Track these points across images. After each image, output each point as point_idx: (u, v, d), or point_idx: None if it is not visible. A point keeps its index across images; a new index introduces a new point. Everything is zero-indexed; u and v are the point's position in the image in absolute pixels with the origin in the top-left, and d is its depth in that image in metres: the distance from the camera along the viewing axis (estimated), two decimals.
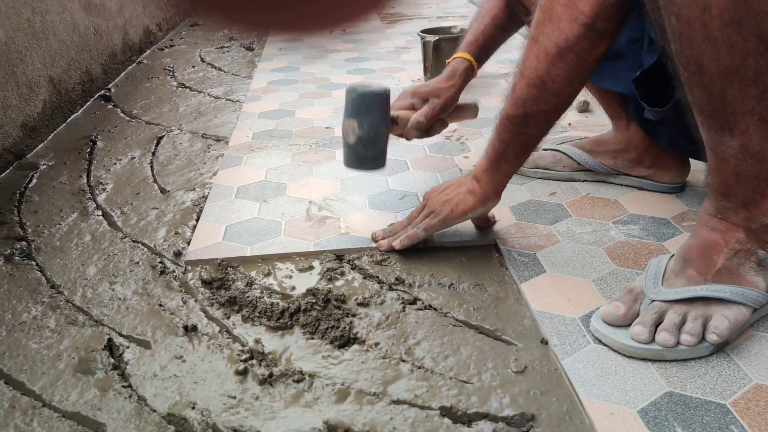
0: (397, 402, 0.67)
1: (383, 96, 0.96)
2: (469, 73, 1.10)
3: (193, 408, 0.67)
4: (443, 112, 1.06)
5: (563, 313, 0.79)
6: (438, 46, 1.66)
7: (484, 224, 0.98)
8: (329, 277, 0.89)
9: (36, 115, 1.47)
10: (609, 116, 1.12)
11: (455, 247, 0.96)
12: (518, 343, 0.75)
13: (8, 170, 1.33)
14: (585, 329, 0.76)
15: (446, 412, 0.66)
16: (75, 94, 1.71)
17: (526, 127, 0.82)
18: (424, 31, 1.75)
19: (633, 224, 0.99)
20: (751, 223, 0.71)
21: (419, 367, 0.72)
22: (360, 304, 0.83)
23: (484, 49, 1.11)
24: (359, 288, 0.87)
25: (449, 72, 1.09)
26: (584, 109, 1.50)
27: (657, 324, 0.71)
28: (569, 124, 1.44)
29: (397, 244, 0.94)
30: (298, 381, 0.70)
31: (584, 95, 1.50)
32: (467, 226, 0.99)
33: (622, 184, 1.12)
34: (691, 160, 1.08)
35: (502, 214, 1.04)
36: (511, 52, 1.67)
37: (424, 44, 1.69)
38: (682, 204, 1.05)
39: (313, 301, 0.83)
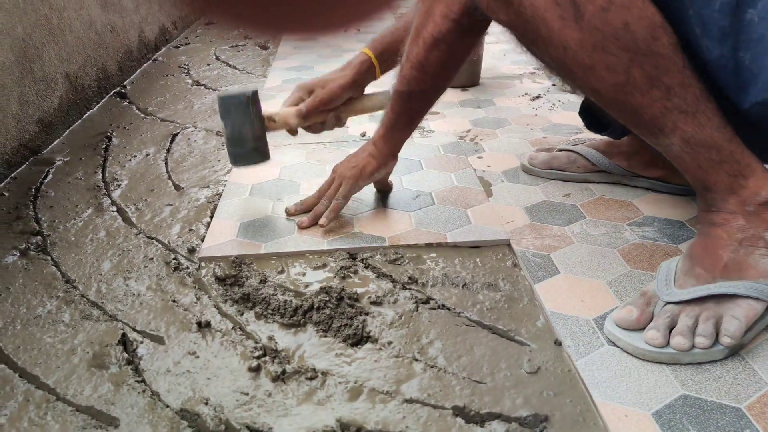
0: (410, 401, 0.67)
1: (241, 99, 1.02)
2: (365, 67, 1.09)
3: (206, 404, 0.68)
4: (328, 102, 1.07)
5: (577, 315, 0.78)
6: None
7: (385, 187, 1.10)
8: (342, 275, 0.89)
9: (52, 111, 1.49)
10: None
11: (468, 247, 0.96)
12: (532, 344, 0.75)
13: (24, 165, 1.34)
14: (599, 331, 0.75)
15: (459, 411, 0.65)
16: (91, 90, 1.72)
17: (410, 102, 0.96)
18: None
19: (648, 226, 0.98)
20: (747, 206, 0.70)
21: (432, 367, 0.72)
22: (373, 303, 0.83)
23: (389, 48, 1.10)
24: (372, 287, 0.87)
25: (345, 65, 1.11)
26: None
27: (671, 327, 0.70)
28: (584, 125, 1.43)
29: (324, 221, 0.99)
30: (311, 378, 0.70)
31: None
32: (480, 226, 0.99)
33: (636, 186, 1.11)
34: None
35: (515, 214, 1.03)
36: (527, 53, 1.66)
37: None
38: (697, 206, 1.04)
39: (327, 299, 0.83)
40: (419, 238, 0.97)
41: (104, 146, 1.46)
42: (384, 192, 1.11)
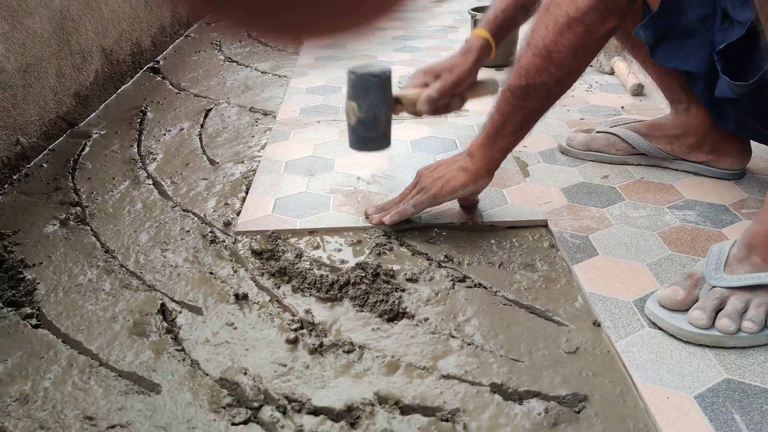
0: (447, 377, 0.67)
1: (382, 78, 0.94)
2: (485, 49, 1.07)
3: (245, 374, 0.68)
4: (456, 86, 1.03)
5: (616, 296, 0.77)
6: None
7: (470, 204, 0.98)
8: (378, 252, 0.89)
9: (89, 84, 1.50)
10: (668, 100, 1.09)
11: (505, 227, 0.95)
12: (570, 324, 0.74)
13: (62, 138, 1.36)
14: (639, 313, 0.74)
15: (497, 388, 0.65)
16: (125, 65, 1.73)
17: (526, 100, 0.82)
18: (474, 9, 1.72)
19: (689, 209, 0.96)
20: None
21: (469, 344, 0.72)
22: (409, 280, 0.83)
23: (503, 28, 1.07)
24: (408, 264, 0.86)
25: (464, 48, 1.07)
26: (638, 92, 1.46)
27: (717, 310, 0.69)
28: (622, 107, 1.40)
29: (387, 219, 0.93)
30: (348, 352, 0.70)
31: (638, 78, 1.46)
32: (516, 206, 0.98)
33: (678, 169, 1.09)
34: (753, 146, 1.04)
35: (552, 194, 1.02)
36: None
37: (476, 22, 1.66)
38: (742, 191, 1.01)
39: (362, 274, 0.83)
40: (454, 217, 0.97)
41: (139, 120, 1.47)
42: (467, 208, 0.98)
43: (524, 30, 0.89)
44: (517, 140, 0.88)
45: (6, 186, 1.14)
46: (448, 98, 1.03)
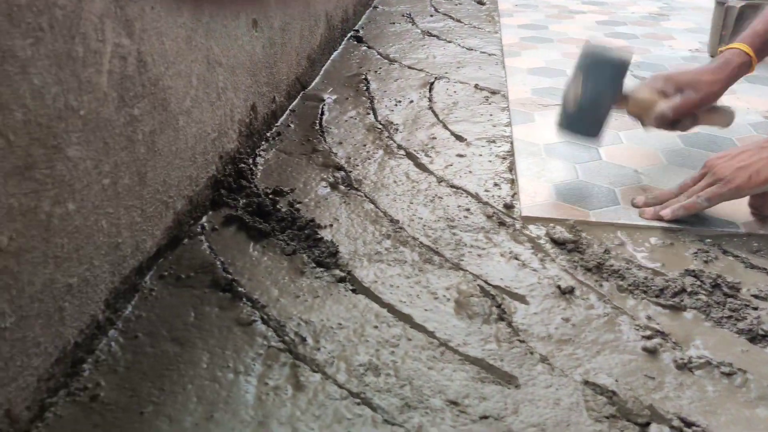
0: None
1: (618, 66, 0.87)
2: (743, 67, 0.93)
3: (617, 381, 0.62)
4: (696, 108, 0.91)
5: None
6: (743, 14, 1.47)
7: (764, 208, 0.85)
8: (705, 259, 0.80)
9: (316, 48, 1.49)
10: None
11: None
12: None
13: (296, 100, 1.35)
14: None
15: None
16: (337, 31, 1.72)
17: None
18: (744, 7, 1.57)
19: None
20: None
21: None
22: (756, 297, 0.73)
23: (766, 41, 0.93)
24: (748, 278, 0.77)
25: (719, 63, 0.93)
26: None
27: None
28: None
29: (668, 213, 0.84)
30: (728, 374, 0.62)
31: None
32: None
33: None
34: None
35: None
36: None
37: (727, 10, 1.51)
38: None
39: (698, 283, 0.74)
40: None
41: (365, 88, 1.44)
42: (760, 209, 0.87)
43: None
44: None
45: (263, 143, 1.13)
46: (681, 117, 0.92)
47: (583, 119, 0.92)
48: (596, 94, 0.89)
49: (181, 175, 0.82)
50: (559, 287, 0.75)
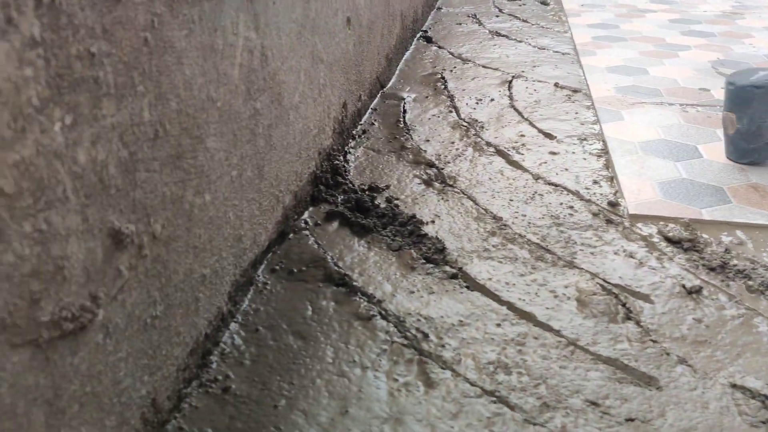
0: None
1: (766, 88, 0.87)
2: None
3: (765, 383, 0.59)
4: None
5: None
6: None
7: None
8: None
9: (392, 47, 1.48)
10: None
11: None
12: None
13: (377, 98, 1.35)
14: None
15: None
16: (409, 31, 1.71)
17: None
18: None
19: None
20: None
21: None
22: None
23: None
24: None
25: None
26: None
27: None
28: None
29: None
30: None
31: None
32: None
33: None
34: None
35: None
36: None
37: None
38: None
39: None
40: None
41: (443, 87, 1.43)
42: None
43: None
44: None
45: (351, 141, 1.13)
46: None
47: (749, 148, 0.95)
48: (755, 122, 0.92)
49: (290, 170, 0.82)
50: (684, 286, 0.72)
